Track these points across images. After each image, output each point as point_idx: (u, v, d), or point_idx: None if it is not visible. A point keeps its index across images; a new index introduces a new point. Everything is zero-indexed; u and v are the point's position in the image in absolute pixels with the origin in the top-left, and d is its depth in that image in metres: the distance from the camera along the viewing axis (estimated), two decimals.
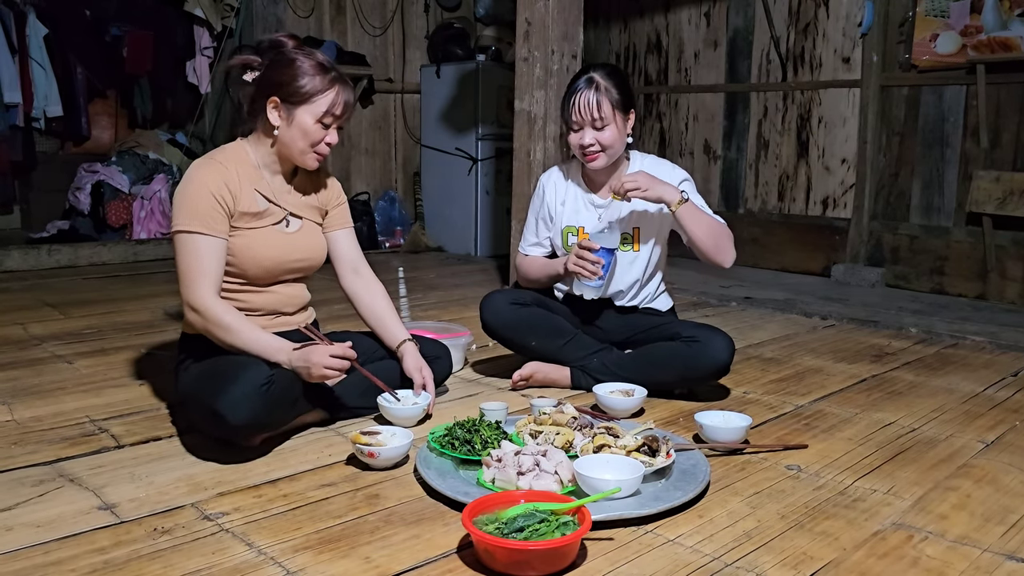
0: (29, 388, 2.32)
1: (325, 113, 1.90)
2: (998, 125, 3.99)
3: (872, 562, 1.40)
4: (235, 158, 1.96)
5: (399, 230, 5.64)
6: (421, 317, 3.31)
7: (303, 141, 1.91)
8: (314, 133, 1.91)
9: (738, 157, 5.05)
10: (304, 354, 1.83)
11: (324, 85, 1.89)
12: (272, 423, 1.82)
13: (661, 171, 2.31)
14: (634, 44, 5.55)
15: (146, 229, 5.07)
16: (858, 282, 4.41)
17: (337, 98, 1.91)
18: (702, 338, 2.23)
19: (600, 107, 2.20)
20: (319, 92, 1.89)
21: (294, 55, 1.91)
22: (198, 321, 1.86)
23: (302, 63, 1.89)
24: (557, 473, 1.58)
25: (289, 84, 1.88)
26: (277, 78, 1.90)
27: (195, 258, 1.86)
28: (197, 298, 1.85)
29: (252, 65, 1.96)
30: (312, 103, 1.89)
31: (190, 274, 1.86)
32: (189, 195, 1.88)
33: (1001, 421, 2.19)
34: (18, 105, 4.99)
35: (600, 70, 2.26)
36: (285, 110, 1.90)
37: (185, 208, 1.87)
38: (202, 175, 1.90)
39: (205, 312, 1.84)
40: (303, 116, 1.89)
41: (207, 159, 1.96)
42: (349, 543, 1.43)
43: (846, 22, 4.48)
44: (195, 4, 5.27)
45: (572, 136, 2.27)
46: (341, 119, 1.95)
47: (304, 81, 1.88)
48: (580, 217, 2.40)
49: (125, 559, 1.35)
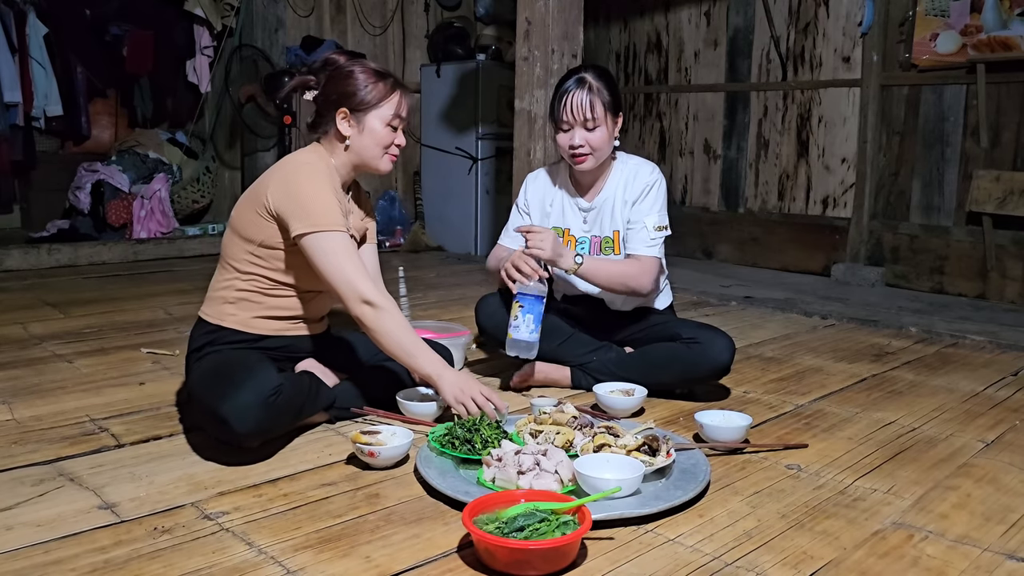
0: (29, 387, 2.32)
1: (393, 116, 1.97)
2: (998, 124, 3.99)
3: (872, 561, 1.40)
4: (330, 167, 1.98)
5: (399, 229, 5.64)
6: (421, 316, 3.31)
7: (376, 146, 1.98)
8: (385, 137, 1.98)
9: (738, 156, 5.05)
10: (465, 379, 1.90)
11: (388, 90, 1.97)
12: (275, 431, 1.82)
13: (641, 172, 2.32)
14: (634, 43, 5.54)
15: (146, 228, 5.07)
16: (858, 281, 4.41)
17: (402, 100, 1.99)
18: (702, 339, 2.23)
19: (593, 108, 2.20)
20: (384, 97, 1.96)
21: (351, 67, 1.97)
22: (371, 317, 1.85)
23: (361, 72, 1.96)
24: (557, 472, 1.58)
25: (355, 94, 1.94)
26: (342, 90, 1.95)
27: (347, 256, 1.86)
28: (371, 293, 1.85)
29: (309, 84, 2.02)
30: (380, 108, 1.96)
31: (348, 271, 1.85)
32: (313, 194, 1.87)
33: (1001, 420, 2.19)
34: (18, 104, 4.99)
35: (591, 71, 2.25)
36: (355, 119, 1.96)
37: (316, 207, 1.86)
38: (319, 175, 1.91)
39: (382, 304, 1.85)
40: (373, 122, 1.96)
41: (311, 158, 1.97)
42: (349, 542, 1.43)
43: (846, 21, 4.48)
44: (195, 3, 5.27)
45: (561, 136, 2.26)
46: (406, 120, 2.02)
47: (368, 89, 1.95)
48: (566, 219, 2.41)
49: (125, 558, 1.35)
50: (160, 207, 5.11)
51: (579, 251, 2.22)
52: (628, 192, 2.30)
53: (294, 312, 2.02)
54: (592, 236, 2.38)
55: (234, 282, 1.97)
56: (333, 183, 1.94)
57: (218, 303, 1.99)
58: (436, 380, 1.89)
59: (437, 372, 1.89)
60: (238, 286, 1.97)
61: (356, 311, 1.86)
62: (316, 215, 1.85)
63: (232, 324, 1.97)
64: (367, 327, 1.87)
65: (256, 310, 1.98)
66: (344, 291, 1.85)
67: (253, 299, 1.97)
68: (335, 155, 2.01)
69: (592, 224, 2.38)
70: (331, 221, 1.86)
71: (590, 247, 2.38)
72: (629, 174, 2.32)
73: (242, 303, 1.97)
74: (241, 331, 1.97)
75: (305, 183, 1.89)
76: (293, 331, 2.04)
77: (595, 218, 2.37)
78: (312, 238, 1.85)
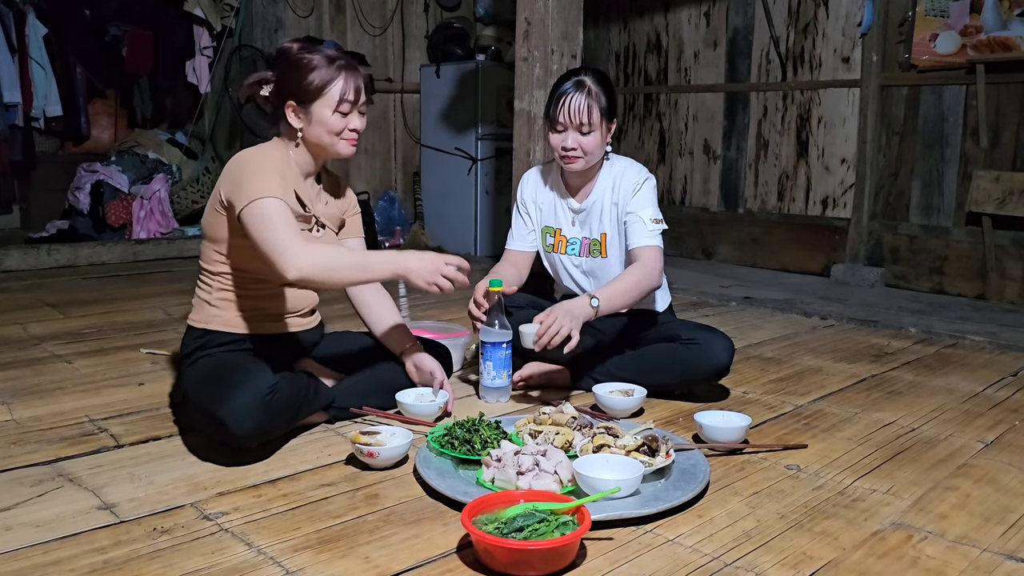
0: (28, 388, 2.32)
1: (339, 101, 1.92)
2: (998, 125, 3.99)
3: (871, 562, 1.40)
4: (284, 160, 1.96)
5: (399, 230, 5.64)
6: (421, 317, 3.31)
7: (327, 135, 1.94)
8: (334, 124, 1.93)
9: (738, 157, 5.05)
10: (428, 255, 1.85)
11: (329, 76, 1.91)
12: (274, 431, 1.82)
13: (629, 173, 2.31)
14: (634, 44, 5.54)
15: (145, 229, 5.07)
16: (858, 282, 4.41)
17: (347, 84, 1.93)
18: (702, 340, 2.23)
19: (590, 113, 2.20)
20: (328, 83, 1.91)
21: (298, 56, 1.93)
22: (311, 269, 1.74)
23: (307, 61, 1.91)
24: (557, 473, 1.58)
25: (299, 84, 1.91)
26: (288, 83, 1.93)
27: (280, 219, 1.77)
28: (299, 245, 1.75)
29: (267, 80, 1.99)
30: (324, 96, 1.91)
31: (280, 232, 1.75)
32: (251, 172, 1.84)
33: (1001, 421, 2.19)
34: (18, 105, 4.99)
35: (590, 75, 2.25)
36: (303, 110, 1.93)
37: (252, 182, 1.81)
38: (263, 157, 1.89)
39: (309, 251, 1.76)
40: (319, 111, 1.92)
41: (261, 146, 1.96)
42: (348, 543, 1.43)
43: (846, 22, 4.48)
44: (195, 4, 5.27)
45: (555, 137, 2.26)
46: (357, 104, 1.96)
47: (312, 77, 1.90)
48: (558, 219, 2.42)
49: (125, 559, 1.35)
50: (159, 207, 5.11)
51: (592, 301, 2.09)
52: (616, 194, 2.31)
53: (274, 307, 2.01)
54: (583, 237, 2.39)
55: (211, 284, 1.99)
56: (283, 167, 1.90)
57: (202, 308, 2.00)
58: (404, 275, 1.83)
59: (400, 266, 1.82)
60: (215, 287, 1.98)
61: (293, 272, 1.74)
62: (250, 188, 1.80)
63: (219, 326, 1.96)
64: (312, 278, 1.77)
65: (238, 308, 1.97)
66: (276, 254, 1.74)
67: (231, 298, 1.97)
68: (291, 148, 1.98)
69: (582, 225, 2.39)
70: (264, 189, 1.79)
71: (580, 248, 2.39)
72: (617, 175, 2.32)
73: (223, 303, 1.97)
74: (230, 332, 1.96)
75: (245, 166, 1.87)
76: (280, 328, 2.03)
77: (585, 219, 2.38)
78: (247, 209, 1.79)
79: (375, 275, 1.87)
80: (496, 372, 2.20)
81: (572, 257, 2.41)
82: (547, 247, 2.46)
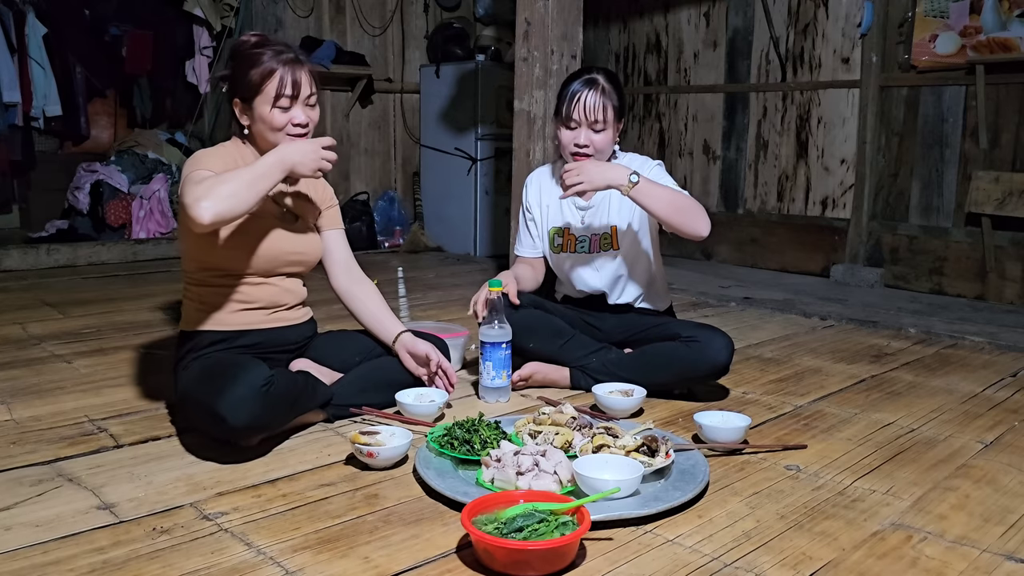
0: (28, 388, 2.32)
1: (276, 96, 1.88)
2: (997, 125, 3.99)
3: (871, 562, 1.40)
4: (237, 154, 1.97)
5: (398, 230, 5.64)
6: (421, 317, 3.31)
7: (270, 131, 1.92)
8: (276, 119, 1.90)
9: (737, 157, 5.05)
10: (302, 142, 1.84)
11: (264, 72, 1.88)
12: (272, 424, 1.82)
13: (638, 162, 2.33)
14: (633, 44, 5.55)
15: (145, 229, 5.07)
16: (857, 282, 4.42)
17: (283, 79, 1.88)
18: (701, 338, 2.23)
19: (604, 110, 2.23)
20: (264, 79, 1.88)
21: (244, 52, 1.92)
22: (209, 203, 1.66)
23: (251, 56, 1.89)
24: (556, 473, 1.58)
25: (238, 82, 1.90)
26: (232, 81, 1.92)
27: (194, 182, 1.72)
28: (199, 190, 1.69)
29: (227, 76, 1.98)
30: (262, 92, 1.89)
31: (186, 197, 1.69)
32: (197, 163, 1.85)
33: (1000, 421, 2.20)
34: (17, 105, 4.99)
35: (602, 73, 2.27)
36: (246, 107, 1.92)
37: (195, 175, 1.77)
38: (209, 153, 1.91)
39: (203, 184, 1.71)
40: (260, 107, 1.90)
41: (212, 147, 1.98)
42: (348, 543, 1.43)
43: (845, 22, 4.48)
44: (195, 4, 5.27)
45: (567, 134, 2.27)
46: (298, 97, 1.91)
47: (252, 73, 1.88)
48: (565, 217, 2.42)
49: (124, 559, 1.35)
50: (159, 207, 5.11)
51: (632, 176, 2.10)
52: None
53: (263, 300, 2.01)
54: (591, 234, 2.39)
55: (192, 287, 2.00)
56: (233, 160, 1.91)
57: (189, 311, 2.01)
58: (292, 167, 1.80)
59: (286, 161, 1.79)
60: (195, 289, 1.99)
61: (208, 219, 1.66)
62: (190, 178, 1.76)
63: (208, 325, 1.97)
64: (226, 215, 1.70)
65: (223, 305, 1.98)
66: (187, 217, 1.68)
67: (210, 296, 1.97)
68: (246, 144, 1.98)
69: (591, 221, 2.39)
70: (196, 172, 1.78)
71: (590, 245, 2.39)
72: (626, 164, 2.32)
73: (207, 303, 1.98)
74: (217, 330, 1.97)
75: (193, 162, 1.86)
76: (268, 323, 2.03)
77: (594, 215, 2.38)
78: (183, 186, 1.75)
79: (269, 178, 1.78)
80: (496, 372, 2.20)
81: (582, 254, 2.41)
82: (555, 248, 2.45)
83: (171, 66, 5.62)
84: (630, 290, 2.43)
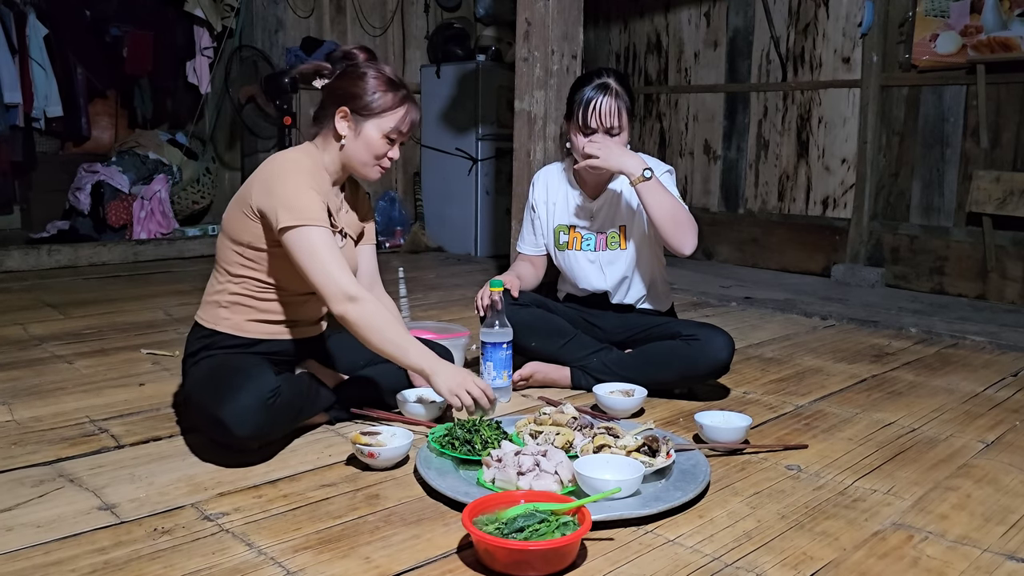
0: (29, 388, 2.32)
1: (392, 129, 1.92)
2: (998, 125, 3.99)
3: (872, 562, 1.40)
4: (316, 164, 1.94)
5: (399, 230, 5.64)
6: (421, 317, 3.31)
7: (367, 154, 1.92)
8: (379, 147, 1.92)
9: (738, 157, 5.05)
10: (462, 370, 1.88)
11: (394, 102, 1.91)
12: (275, 433, 1.82)
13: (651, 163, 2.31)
14: (634, 44, 5.55)
15: (146, 229, 5.07)
16: (858, 282, 4.41)
17: (406, 116, 1.93)
18: (702, 337, 2.23)
19: (620, 115, 2.23)
20: (389, 108, 1.90)
21: (366, 68, 1.92)
22: (356, 313, 1.80)
23: (374, 77, 1.91)
24: (557, 473, 1.58)
25: (360, 97, 1.90)
26: (349, 89, 1.91)
27: (329, 252, 1.80)
28: (354, 289, 1.80)
29: (323, 72, 1.97)
30: (381, 118, 1.90)
31: (330, 267, 1.79)
32: (295, 190, 1.83)
33: (1001, 421, 2.20)
34: (18, 105, 4.99)
35: (612, 76, 2.26)
36: (354, 121, 1.91)
37: (297, 202, 1.81)
38: (302, 172, 1.87)
39: (366, 299, 1.81)
40: (371, 130, 1.91)
41: (297, 156, 1.93)
42: (349, 543, 1.43)
43: (846, 22, 4.48)
44: (195, 4, 5.27)
45: (582, 139, 2.26)
46: (406, 136, 1.96)
47: (375, 95, 1.89)
48: (571, 216, 2.42)
49: (125, 559, 1.35)
50: (160, 208, 5.12)
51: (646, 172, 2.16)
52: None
53: (287, 316, 1.99)
54: (598, 232, 2.39)
55: (227, 285, 1.95)
56: (318, 181, 1.90)
57: (213, 307, 1.97)
58: (430, 374, 1.85)
59: (430, 366, 1.85)
60: (231, 289, 1.95)
61: (339, 309, 1.80)
62: (297, 210, 1.80)
63: (226, 328, 1.94)
64: (352, 323, 1.81)
65: (249, 314, 1.95)
66: (326, 288, 1.80)
67: (245, 303, 1.94)
68: (327, 151, 1.96)
69: (599, 220, 2.39)
70: (312, 216, 1.81)
71: (595, 243, 2.39)
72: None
73: (235, 307, 1.95)
74: (236, 335, 1.94)
75: (287, 179, 1.85)
76: (288, 335, 2.00)
77: (601, 215, 2.38)
78: (293, 233, 1.80)
79: (406, 360, 1.86)
80: (496, 372, 2.20)
81: (588, 253, 2.41)
82: (560, 245, 2.45)
83: (172, 67, 5.62)
84: (633, 290, 2.43)
